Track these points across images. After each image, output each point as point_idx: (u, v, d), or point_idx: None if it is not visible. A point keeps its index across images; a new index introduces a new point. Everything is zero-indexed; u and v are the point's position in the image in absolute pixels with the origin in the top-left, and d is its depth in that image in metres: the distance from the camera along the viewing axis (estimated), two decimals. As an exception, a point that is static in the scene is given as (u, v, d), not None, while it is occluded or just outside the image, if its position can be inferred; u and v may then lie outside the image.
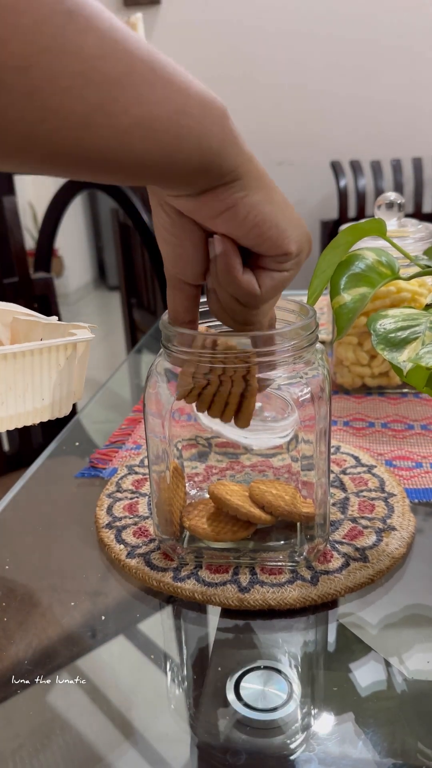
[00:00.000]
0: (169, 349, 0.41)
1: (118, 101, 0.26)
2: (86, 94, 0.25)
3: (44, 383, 0.47)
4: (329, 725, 0.33)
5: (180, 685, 0.37)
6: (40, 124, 0.24)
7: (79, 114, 0.25)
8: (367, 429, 0.66)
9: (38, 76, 0.23)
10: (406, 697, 0.35)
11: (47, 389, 0.47)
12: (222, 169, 0.31)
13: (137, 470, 0.59)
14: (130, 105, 0.26)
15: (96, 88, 0.25)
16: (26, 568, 0.48)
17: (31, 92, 0.24)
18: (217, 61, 3.09)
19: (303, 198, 3.23)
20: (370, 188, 2.89)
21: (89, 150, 0.26)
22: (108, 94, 0.25)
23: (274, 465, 0.52)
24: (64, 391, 0.48)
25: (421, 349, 0.38)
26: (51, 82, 0.24)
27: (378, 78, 3.02)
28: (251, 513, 0.45)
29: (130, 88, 0.26)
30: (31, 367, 0.45)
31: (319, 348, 0.43)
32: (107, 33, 0.25)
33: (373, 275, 0.46)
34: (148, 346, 1.04)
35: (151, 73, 0.27)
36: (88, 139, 0.26)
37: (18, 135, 0.24)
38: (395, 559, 0.45)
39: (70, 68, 0.24)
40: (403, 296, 0.68)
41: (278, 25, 3.01)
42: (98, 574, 0.46)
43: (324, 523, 0.45)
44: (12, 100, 0.23)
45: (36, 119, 0.24)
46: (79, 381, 0.49)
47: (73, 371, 0.48)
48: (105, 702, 0.36)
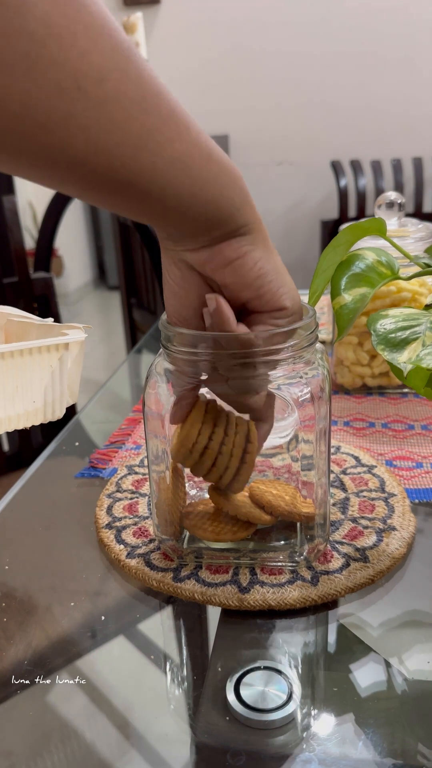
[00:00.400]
0: (168, 349, 0.41)
1: (164, 134, 0.30)
2: (143, 120, 0.29)
3: (35, 385, 0.46)
4: (329, 725, 0.33)
5: (180, 685, 0.37)
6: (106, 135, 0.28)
7: (133, 137, 0.29)
8: (367, 429, 0.66)
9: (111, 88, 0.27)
10: (406, 697, 0.35)
11: (38, 391, 0.46)
12: (239, 221, 0.35)
13: (137, 470, 0.59)
14: (174, 140, 0.30)
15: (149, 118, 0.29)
16: (26, 568, 0.48)
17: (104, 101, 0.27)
18: (217, 60, 3.09)
19: (303, 198, 3.23)
20: (371, 188, 2.89)
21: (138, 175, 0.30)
22: (157, 125, 0.29)
23: (274, 465, 0.52)
24: (57, 393, 0.48)
25: (421, 350, 0.38)
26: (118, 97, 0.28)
27: (378, 77, 3.02)
28: (251, 513, 0.45)
29: (173, 125, 0.30)
30: (21, 368, 0.45)
31: (319, 348, 0.43)
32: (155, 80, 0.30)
33: (373, 275, 0.46)
34: (148, 346, 1.04)
35: (185, 116, 0.31)
36: (138, 165, 0.29)
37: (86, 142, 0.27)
38: (395, 559, 0.45)
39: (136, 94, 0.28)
40: (403, 296, 0.68)
41: (278, 25, 3.01)
42: (98, 574, 0.46)
43: (324, 523, 0.45)
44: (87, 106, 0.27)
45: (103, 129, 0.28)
46: (73, 383, 0.49)
47: (66, 373, 0.48)
48: (105, 702, 0.36)
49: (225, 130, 3.15)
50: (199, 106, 3.13)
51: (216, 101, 3.14)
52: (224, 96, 3.13)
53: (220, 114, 3.14)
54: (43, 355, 0.46)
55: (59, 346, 0.46)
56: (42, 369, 0.46)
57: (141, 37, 2.62)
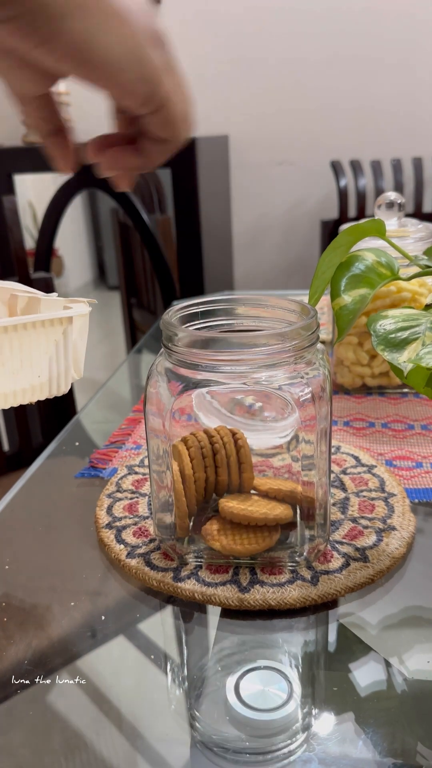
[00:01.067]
0: (169, 348, 0.41)
1: None
2: None
3: (41, 359, 0.46)
4: (329, 725, 0.33)
5: (180, 685, 0.37)
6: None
7: None
8: (367, 429, 0.66)
9: None
10: (406, 697, 0.35)
11: (44, 365, 0.46)
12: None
13: (137, 470, 0.59)
14: None
15: None
16: (26, 568, 0.48)
17: None
18: (217, 60, 3.09)
19: (303, 198, 3.23)
20: (371, 188, 2.89)
21: None
22: None
23: (274, 465, 0.52)
24: (62, 367, 0.47)
25: (421, 349, 0.38)
26: None
27: (378, 77, 3.02)
28: (266, 514, 0.45)
29: None
30: (26, 342, 0.44)
31: (320, 348, 0.43)
32: None
33: (373, 276, 0.46)
34: (148, 346, 1.04)
35: None
36: None
37: None
38: (395, 559, 0.45)
39: None
40: (403, 296, 0.68)
41: (278, 25, 3.01)
42: (98, 574, 0.46)
43: (324, 523, 0.45)
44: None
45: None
46: (78, 358, 0.49)
47: (71, 347, 0.48)
48: (105, 702, 0.36)
49: (225, 130, 3.15)
50: (199, 106, 3.12)
51: (216, 101, 3.14)
52: (224, 96, 3.13)
53: (220, 114, 3.14)
54: (47, 329, 0.45)
55: (63, 319, 0.46)
56: (47, 343, 0.46)
57: (141, 37, 2.62)
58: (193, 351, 0.40)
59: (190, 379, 0.41)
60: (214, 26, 3.05)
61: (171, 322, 0.43)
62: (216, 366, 0.40)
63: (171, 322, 0.43)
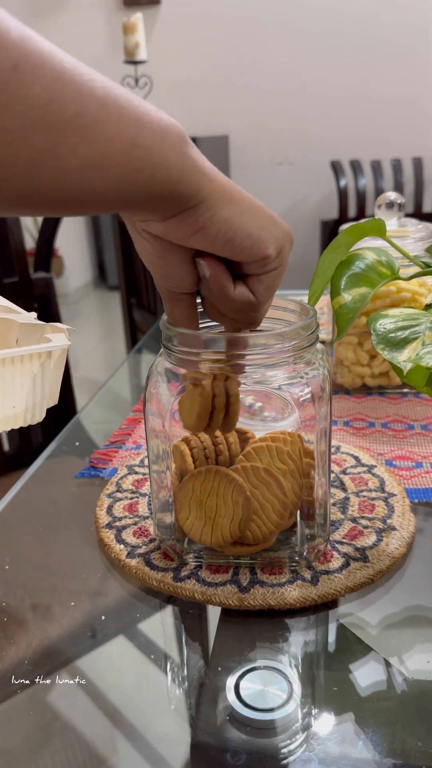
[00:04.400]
0: (169, 348, 0.41)
1: (65, 144, 0.26)
2: (33, 141, 0.25)
3: (16, 391, 0.45)
4: (329, 725, 0.33)
5: (180, 685, 0.37)
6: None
7: (24, 162, 0.26)
8: (367, 429, 0.66)
9: None
10: (406, 697, 0.35)
11: (19, 397, 0.46)
12: (183, 195, 0.31)
13: (137, 470, 0.59)
14: (79, 146, 0.27)
15: (42, 135, 0.26)
16: (26, 568, 0.48)
17: None
18: (217, 60, 3.09)
19: (303, 198, 3.23)
20: (371, 188, 2.89)
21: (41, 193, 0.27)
22: (55, 138, 0.26)
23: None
24: (38, 398, 0.47)
25: (421, 349, 0.38)
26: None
27: (378, 77, 3.02)
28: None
29: (78, 130, 0.26)
30: (2, 376, 0.44)
31: (320, 348, 0.43)
32: (57, 78, 0.26)
33: (373, 275, 0.46)
34: (148, 346, 1.04)
35: (101, 110, 0.27)
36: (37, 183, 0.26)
37: None
38: (395, 559, 0.45)
39: (14, 122, 0.25)
40: (403, 296, 0.68)
41: (278, 25, 3.01)
42: (98, 574, 0.46)
43: (324, 523, 0.45)
44: None
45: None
46: (54, 386, 0.48)
47: (48, 378, 0.47)
48: (105, 702, 0.36)
49: (225, 130, 3.15)
50: (199, 106, 3.13)
51: (216, 101, 3.14)
52: (224, 96, 3.14)
53: (220, 114, 3.15)
54: (25, 362, 0.45)
55: (42, 353, 0.46)
56: (23, 375, 0.45)
57: (141, 37, 2.62)
58: (193, 351, 0.40)
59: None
60: (214, 27, 3.05)
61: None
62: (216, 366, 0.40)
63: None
